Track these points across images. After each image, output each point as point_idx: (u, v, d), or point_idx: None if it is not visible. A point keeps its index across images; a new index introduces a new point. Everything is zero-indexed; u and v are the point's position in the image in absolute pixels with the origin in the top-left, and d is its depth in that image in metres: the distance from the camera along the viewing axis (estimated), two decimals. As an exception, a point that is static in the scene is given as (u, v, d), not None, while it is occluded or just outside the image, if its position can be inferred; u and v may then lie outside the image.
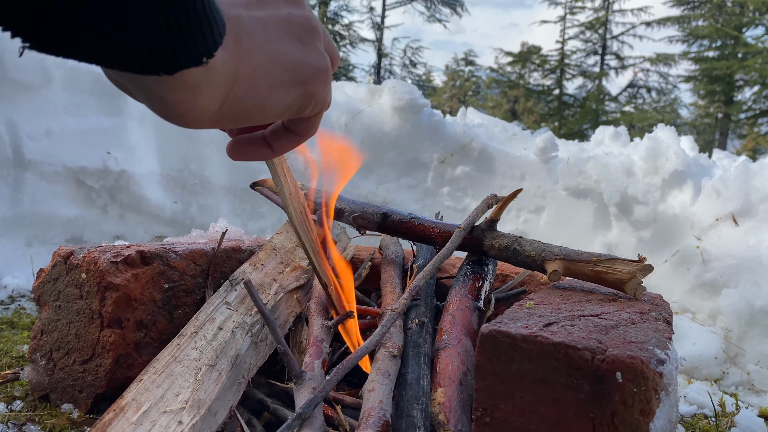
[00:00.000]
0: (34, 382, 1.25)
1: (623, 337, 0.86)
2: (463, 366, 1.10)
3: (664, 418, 0.81)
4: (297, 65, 0.44)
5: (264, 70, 0.42)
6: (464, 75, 27.51)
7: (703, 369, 1.76)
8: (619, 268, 1.11)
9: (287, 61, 0.43)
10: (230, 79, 0.40)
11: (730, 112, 19.11)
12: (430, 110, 2.83)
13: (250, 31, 0.41)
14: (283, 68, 0.43)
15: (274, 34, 0.43)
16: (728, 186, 2.19)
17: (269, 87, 0.42)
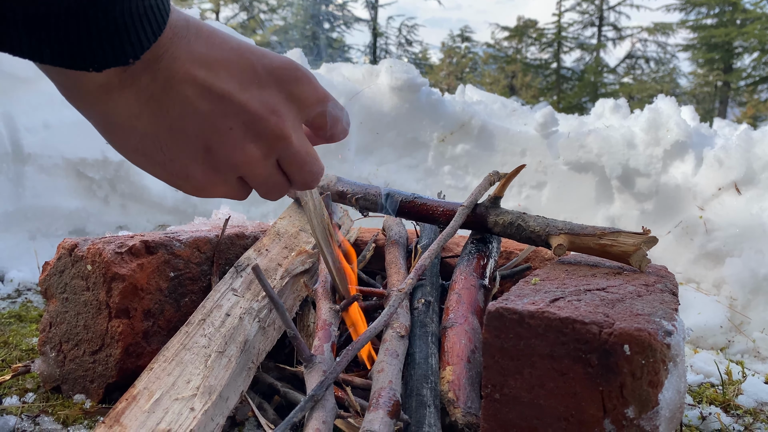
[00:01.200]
0: (45, 374, 1.26)
1: (630, 310, 0.87)
2: (470, 344, 1.11)
3: (673, 388, 0.82)
4: (174, 162, 0.43)
5: (139, 134, 0.41)
6: (461, 52, 27.30)
7: (709, 338, 1.76)
8: (624, 241, 1.11)
9: (167, 149, 0.42)
10: (106, 113, 0.41)
11: (730, 79, 18.98)
12: (429, 89, 2.81)
13: (161, 101, 0.41)
14: (158, 149, 0.42)
15: (185, 126, 0.42)
16: (730, 155, 2.18)
17: (133, 150, 0.43)
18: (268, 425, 1.07)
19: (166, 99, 0.40)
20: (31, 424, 1.08)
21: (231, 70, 0.42)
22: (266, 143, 0.45)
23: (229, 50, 0.43)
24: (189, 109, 0.41)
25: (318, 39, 22.94)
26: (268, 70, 0.44)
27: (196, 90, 0.41)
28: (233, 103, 0.42)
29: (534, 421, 0.86)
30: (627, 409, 0.80)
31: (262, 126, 0.44)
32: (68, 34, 0.35)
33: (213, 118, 0.42)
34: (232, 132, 0.42)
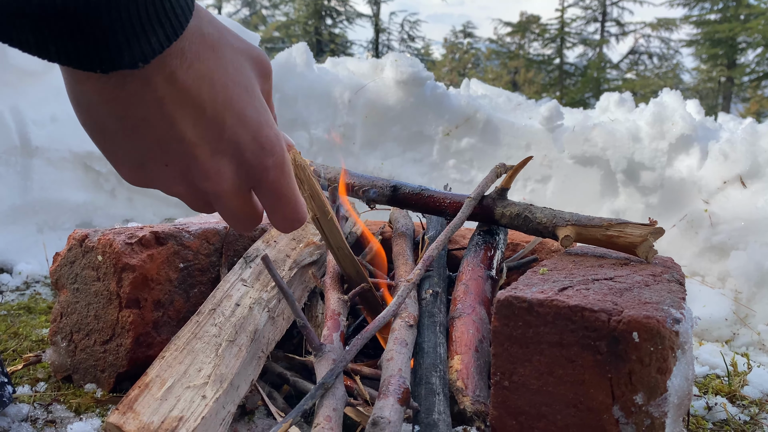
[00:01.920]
0: (57, 364, 1.27)
1: (638, 299, 0.88)
2: (478, 333, 1.11)
3: (681, 375, 0.82)
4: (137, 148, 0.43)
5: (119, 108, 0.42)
6: (463, 47, 27.26)
7: (714, 331, 1.77)
8: (631, 232, 1.11)
9: (135, 135, 0.43)
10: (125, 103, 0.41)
11: (733, 75, 18.93)
12: (434, 83, 2.81)
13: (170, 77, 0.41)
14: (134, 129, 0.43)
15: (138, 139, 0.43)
16: (735, 148, 2.18)
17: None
18: (278, 413, 1.08)
19: (133, 103, 0.40)
20: (44, 412, 1.10)
21: (200, 120, 0.42)
22: (198, 195, 0.46)
23: (212, 98, 0.43)
24: (144, 125, 0.41)
25: (320, 35, 22.91)
26: (234, 141, 0.44)
27: (158, 115, 0.41)
28: (183, 149, 0.42)
29: (543, 408, 0.87)
30: (636, 396, 0.80)
31: (198, 182, 0.44)
32: (79, 35, 0.35)
33: (157, 146, 0.42)
34: (166, 168, 0.43)
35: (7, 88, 2.18)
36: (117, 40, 0.35)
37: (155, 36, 0.37)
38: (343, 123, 2.73)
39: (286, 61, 2.68)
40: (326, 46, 23.31)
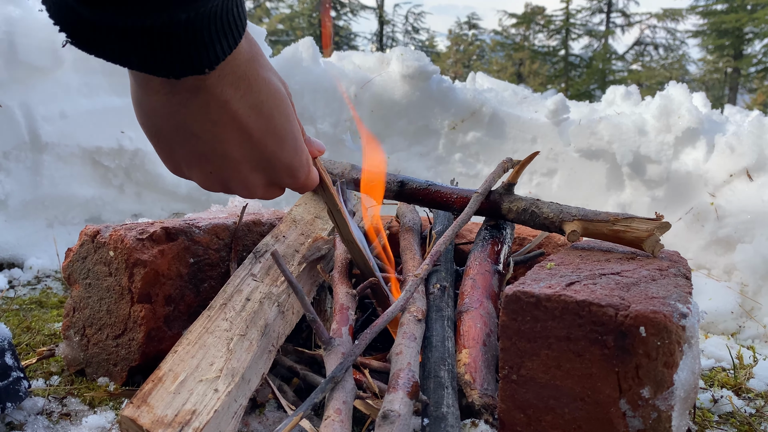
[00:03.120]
0: (70, 358, 1.29)
1: (645, 293, 0.88)
2: (486, 327, 1.13)
3: (688, 369, 0.83)
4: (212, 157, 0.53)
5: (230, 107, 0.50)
6: (468, 39, 27.14)
7: (720, 324, 1.78)
8: (637, 227, 1.12)
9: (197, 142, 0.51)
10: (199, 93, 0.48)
11: (740, 66, 18.81)
12: (440, 77, 2.81)
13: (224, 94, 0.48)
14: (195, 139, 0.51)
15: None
16: (742, 141, 2.18)
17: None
18: (288, 406, 1.09)
19: (193, 117, 0.48)
20: (58, 405, 1.12)
21: (243, 138, 0.50)
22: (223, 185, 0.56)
23: (256, 118, 0.51)
24: (202, 136, 0.50)
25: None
26: (270, 161, 0.55)
27: (227, 117, 0.49)
28: (228, 163, 0.51)
29: (551, 401, 0.88)
30: (643, 390, 0.82)
31: (233, 189, 0.55)
32: (159, 49, 0.41)
33: (210, 156, 0.51)
34: (211, 175, 0.54)
35: (16, 84, 2.20)
36: (189, 52, 0.41)
37: (219, 45, 0.43)
38: (349, 117, 2.73)
39: (292, 55, 2.68)
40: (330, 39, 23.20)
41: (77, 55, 2.36)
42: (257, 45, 0.51)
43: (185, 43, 0.41)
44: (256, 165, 0.52)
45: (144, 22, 0.38)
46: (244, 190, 0.53)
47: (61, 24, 0.39)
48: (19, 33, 2.16)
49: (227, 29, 0.43)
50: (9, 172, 2.19)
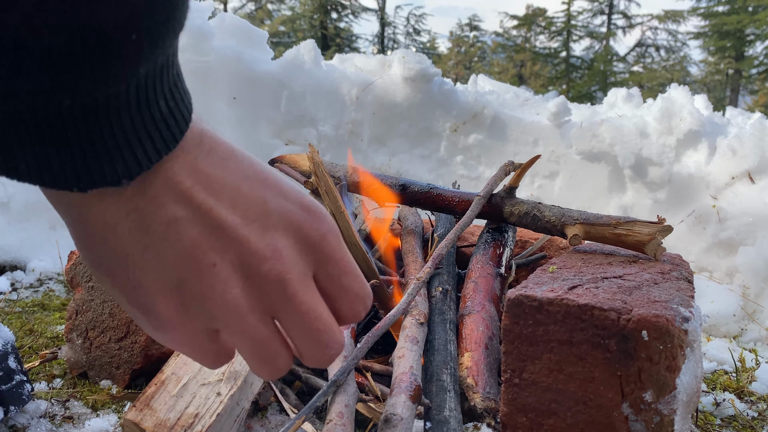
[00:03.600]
0: (72, 361, 1.29)
1: (647, 297, 0.89)
2: (488, 330, 1.13)
3: (690, 373, 0.83)
4: (141, 290, 0.35)
5: (113, 251, 0.34)
6: (469, 41, 27.16)
7: (722, 326, 1.78)
8: (639, 230, 1.12)
9: (143, 274, 0.34)
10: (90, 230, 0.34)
11: (741, 67, 18.81)
12: (441, 79, 2.82)
13: (142, 219, 0.34)
14: (126, 274, 0.35)
15: (162, 251, 0.34)
16: (744, 144, 2.18)
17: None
18: (291, 409, 1.10)
19: (150, 216, 0.33)
20: (61, 408, 1.12)
21: (237, 200, 0.35)
22: (258, 289, 0.36)
23: (242, 178, 0.36)
24: (174, 233, 0.33)
25: (326, 29, 22.90)
26: (281, 212, 0.37)
27: (189, 212, 0.34)
28: (228, 237, 0.35)
29: (553, 404, 0.88)
30: (645, 393, 0.82)
31: (256, 267, 0.35)
32: (54, 151, 0.29)
33: (198, 249, 0.34)
34: (215, 269, 0.34)
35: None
36: (92, 153, 0.30)
37: (145, 146, 0.31)
38: (351, 120, 2.74)
39: (294, 58, 2.69)
40: (332, 41, 23.29)
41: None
42: (218, 140, 0.36)
43: (83, 142, 0.29)
44: (266, 222, 0.37)
45: (17, 105, 0.27)
46: (270, 261, 0.36)
47: None
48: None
49: (162, 123, 0.31)
50: (11, 175, 2.19)
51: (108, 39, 0.27)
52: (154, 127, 0.31)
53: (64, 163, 0.29)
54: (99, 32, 0.26)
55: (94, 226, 0.33)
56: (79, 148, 0.29)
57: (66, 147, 0.29)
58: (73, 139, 0.29)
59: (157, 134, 0.31)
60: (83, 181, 0.30)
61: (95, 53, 0.27)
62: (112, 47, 0.27)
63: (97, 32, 0.26)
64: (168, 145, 0.32)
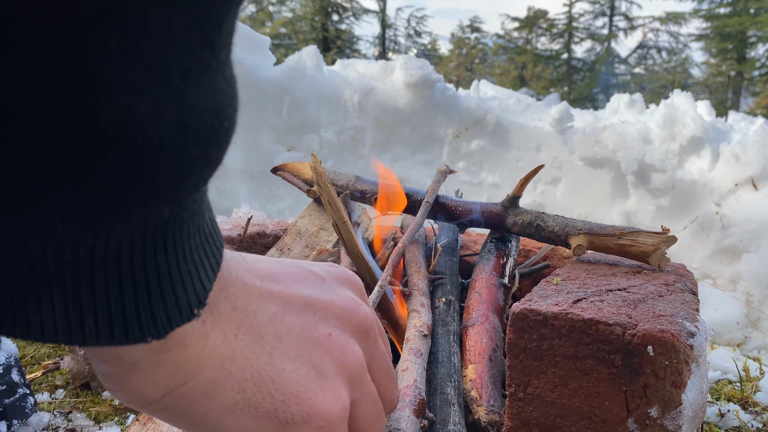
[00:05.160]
0: (75, 371, 1.29)
1: (652, 311, 0.88)
2: (492, 342, 1.12)
3: (696, 388, 0.83)
4: (289, 397, 0.32)
5: (239, 382, 0.31)
6: (470, 42, 27.16)
7: (726, 334, 1.77)
8: (644, 241, 1.12)
9: (276, 387, 0.32)
10: (186, 372, 0.29)
11: (743, 69, 18.81)
12: (443, 85, 2.82)
13: (261, 329, 0.32)
14: (268, 392, 0.31)
15: (290, 345, 0.33)
16: (747, 150, 2.17)
17: (231, 406, 0.31)
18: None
19: (255, 323, 0.31)
20: (64, 421, 1.12)
21: (297, 278, 0.35)
22: (363, 337, 0.37)
23: (280, 263, 0.36)
24: (282, 327, 0.32)
25: (327, 31, 22.93)
26: (325, 270, 0.38)
27: (279, 303, 0.33)
28: (319, 307, 0.35)
29: (558, 419, 0.88)
30: (650, 409, 0.81)
31: (354, 319, 0.36)
32: (119, 301, 0.25)
33: (309, 329, 0.34)
34: (332, 337, 0.35)
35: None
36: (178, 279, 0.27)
37: (207, 262, 0.28)
38: (353, 126, 2.74)
39: (296, 64, 2.69)
40: (333, 43, 23.30)
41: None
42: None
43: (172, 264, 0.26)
44: (337, 323, 0.37)
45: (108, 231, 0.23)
46: (349, 355, 0.36)
47: None
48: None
49: (209, 234, 0.29)
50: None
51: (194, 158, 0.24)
52: (207, 240, 0.28)
53: (135, 309, 0.25)
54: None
55: (212, 369, 0.30)
56: (152, 285, 0.25)
57: (133, 289, 0.25)
58: (145, 276, 0.25)
59: (212, 247, 0.29)
60: (159, 325, 0.26)
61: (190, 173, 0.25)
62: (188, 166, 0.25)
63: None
64: (220, 254, 0.30)
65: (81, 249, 0.23)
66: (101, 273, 0.24)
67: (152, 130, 0.21)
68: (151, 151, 0.22)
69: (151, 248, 0.24)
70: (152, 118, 0.21)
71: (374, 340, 0.37)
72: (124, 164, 0.21)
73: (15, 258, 0.22)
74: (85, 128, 0.20)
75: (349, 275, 0.40)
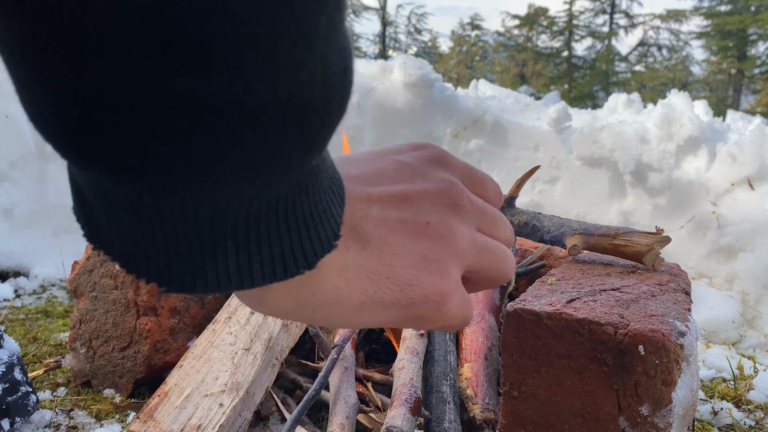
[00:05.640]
0: (76, 370, 1.31)
1: (644, 311, 0.90)
2: (487, 341, 1.14)
3: (686, 387, 0.84)
4: (405, 286, 0.36)
5: (359, 284, 0.34)
6: (471, 40, 27.13)
7: (721, 333, 1.79)
8: (638, 241, 1.13)
9: (391, 281, 0.35)
10: (313, 286, 0.33)
11: (744, 67, 18.79)
12: (442, 85, 2.83)
13: (367, 236, 0.34)
14: (386, 286, 0.35)
15: (395, 242, 0.36)
16: (743, 150, 2.19)
17: (360, 305, 0.35)
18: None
19: (361, 233, 0.34)
20: (65, 418, 1.13)
21: (390, 175, 0.37)
22: (458, 211, 0.39)
23: (370, 162, 0.38)
24: (385, 229, 0.35)
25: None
26: (413, 157, 0.40)
27: (378, 205, 0.35)
28: (414, 198, 0.37)
29: (551, 417, 0.89)
30: (641, 407, 0.83)
31: (447, 200, 0.38)
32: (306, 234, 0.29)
33: (409, 224, 0.36)
34: (430, 225, 0.37)
35: (22, 93, 2.21)
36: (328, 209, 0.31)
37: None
38: (352, 125, 2.75)
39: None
40: (333, 41, 23.19)
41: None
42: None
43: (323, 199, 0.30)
44: (436, 211, 0.39)
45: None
46: (466, 241, 0.39)
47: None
48: (25, 43, 2.17)
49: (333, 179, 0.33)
50: (15, 182, 2.21)
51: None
52: (333, 179, 0.32)
53: (290, 249, 0.29)
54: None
55: (329, 283, 0.33)
56: (301, 227, 0.29)
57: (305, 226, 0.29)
58: (295, 220, 0.29)
59: (337, 184, 0.32)
60: (309, 258, 0.29)
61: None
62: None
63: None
64: (343, 187, 0.33)
65: (253, 205, 0.27)
66: (265, 223, 0.28)
67: (309, 95, 0.25)
68: (308, 114, 0.26)
69: (299, 195, 0.29)
70: (309, 85, 0.25)
71: (471, 207, 0.39)
72: (292, 129, 0.26)
73: (200, 221, 0.26)
74: (278, 106, 0.24)
75: (431, 151, 0.42)
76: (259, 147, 0.25)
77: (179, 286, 0.27)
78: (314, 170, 0.29)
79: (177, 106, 0.23)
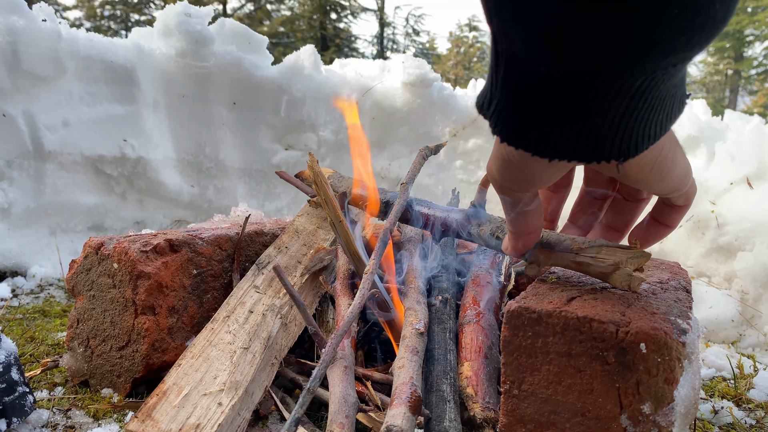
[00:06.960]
0: (74, 369, 1.30)
1: (645, 309, 0.89)
2: (487, 340, 1.13)
3: (688, 385, 0.84)
4: (687, 166, 0.66)
5: (683, 155, 0.64)
6: (468, 41, 27.15)
7: (721, 332, 1.78)
8: (604, 258, 0.91)
9: (676, 160, 0.63)
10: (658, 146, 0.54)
11: (741, 68, 18.83)
12: (441, 84, 2.83)
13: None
14: (671, 161, 0.62)
15: (671, 143, 0.60)
16: (742, 149, 2.19)
17: (687, 169, 0.65)
18: (291, 419, 1.10)
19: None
20: (63, 418, 1.12)
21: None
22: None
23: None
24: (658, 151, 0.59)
25: (325, 29, 22.90)
26: None
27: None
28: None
29: (552, 416, 0.89)
30: (643, 406, 0.82)
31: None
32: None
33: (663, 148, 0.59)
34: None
35: (20, 93, 2.21)
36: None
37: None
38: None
39: (294, 63, 2.69)
40: (331, 41, 23.28)
41: (79, 64, 2.37)
42: None
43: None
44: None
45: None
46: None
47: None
48: (22, 42, 2.17)
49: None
50: (12, 181, 2.20)
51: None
52: (678, 84, 0.51)
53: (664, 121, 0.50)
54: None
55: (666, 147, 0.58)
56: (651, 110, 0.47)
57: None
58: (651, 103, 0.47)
59: (682, 89, 0.52)
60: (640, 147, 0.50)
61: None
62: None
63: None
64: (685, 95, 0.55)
65: (657, 77, 0.44)
66: (634, 100, 0.45)
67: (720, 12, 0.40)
68: (716, 23, 0.40)
69: (660, 82, 0.44)
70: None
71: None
72: (706, 30, 0.41)
73: (655, 93, 0.45)
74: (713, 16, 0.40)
75: None
76: (691, 32, 0.39)
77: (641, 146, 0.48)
78: (678, 68, 0.44)
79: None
